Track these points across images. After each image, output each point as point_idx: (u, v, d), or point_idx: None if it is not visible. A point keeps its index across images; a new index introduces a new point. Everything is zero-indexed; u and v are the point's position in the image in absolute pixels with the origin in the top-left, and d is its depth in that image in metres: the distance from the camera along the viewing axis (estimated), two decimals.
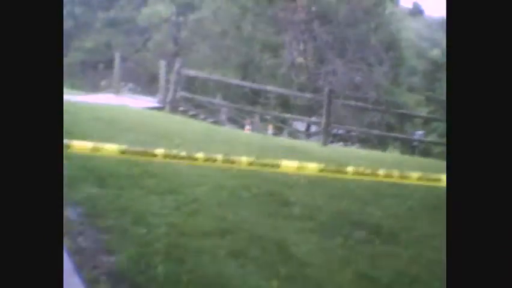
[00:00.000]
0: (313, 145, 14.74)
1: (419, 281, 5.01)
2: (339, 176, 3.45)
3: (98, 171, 6.67)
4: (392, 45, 38.71)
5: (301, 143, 15.23)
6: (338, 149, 15.39)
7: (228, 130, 16.20)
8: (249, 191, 6.91)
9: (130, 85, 22.51)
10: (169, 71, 17.67)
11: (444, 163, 2.53)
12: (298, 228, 5.94)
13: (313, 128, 33.25)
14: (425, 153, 31.36)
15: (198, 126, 13.21)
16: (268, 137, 17.88)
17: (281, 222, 6.03)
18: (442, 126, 37.49)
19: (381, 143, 35.36)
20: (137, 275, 4.26)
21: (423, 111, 39.46)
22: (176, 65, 16.96)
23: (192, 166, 7.66)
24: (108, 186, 6.26)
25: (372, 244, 5.68)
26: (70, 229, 4.98)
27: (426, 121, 35.40)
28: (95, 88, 25.24)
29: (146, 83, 26.17)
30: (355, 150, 16.65)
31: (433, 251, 5.54)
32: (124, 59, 20.24)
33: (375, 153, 15.22)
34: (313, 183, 7.90)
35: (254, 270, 4.65)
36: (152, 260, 4.50)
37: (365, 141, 33.79)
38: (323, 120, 15.25)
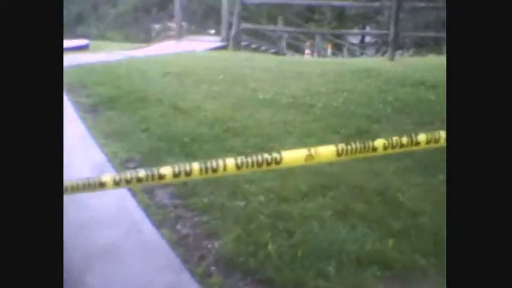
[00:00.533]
0: (382, 62, 14.10)
1: None
2: None
3: (180, 137, 6.52)
4: None
5: (370, 62, 14.60)
6: (406, 61, 14.72)
7: (296, 60, 15.76)
8: (338, 132, 6.68)
9: (183, 24, 21.57)
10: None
11: None
12: (397, 168, 5.71)
13: (367, 38, 32.63)
14: None
15: (265, 62, 12.87)
16: (336, 60, 17.38)
17: (377, 165, 5.80)
18: None
19: (437, 45, 34.33)
20: (249, 259, 4.07)
21: None
22: None
23: (273, 115, 7.49)
24: (194, 154, 6.08)
25: None
26: (166, 216, 4.85)
27: None
28: (149, 35, 24.72)
29: (200, 19, 25.35)
30: (426, 60, 15.86)
31: None
32: None
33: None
34: (400, 111, 7.66)
35: (366, 231, 4.46)
36: (260, 238, 4.33)
37: (420, 45, 32.88)
38: (391, 30, 14.44)
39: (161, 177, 2.59)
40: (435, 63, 12.91)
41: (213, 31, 21.34)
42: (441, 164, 5.50)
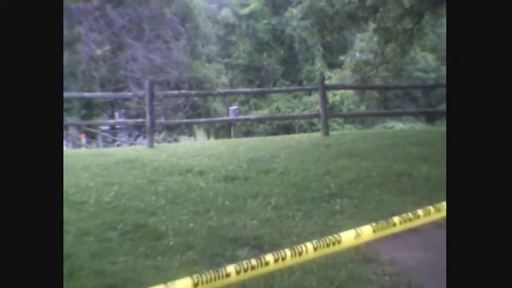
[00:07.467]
0: (143, 150, 13.67)
1: None
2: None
3: None
4: (187, 16, 38.42)
5: (131, 151, 13.82)
6: (165, 148, 14.61)
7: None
8: (116, 228, 6.63)
9: None
10: None
11: None
12: (181, 263, 5.78)
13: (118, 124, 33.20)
14: (246, 132, 31.54)
15: None
16: (95, 151, 16.87)
17: (160, 260, 5.82)
18: (242, 97, 37.87)
19: (188, 127, 35.22)
20: None
21: (224, 80, 39.93)
22: None
23: None
24: None
25: None
26: None
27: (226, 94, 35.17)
28: None
29: None
30: (183, 145, 15.85)
31: None
32: None
33: (218, 143, 15.07)
34: (173, 202, 7.77)
35: None
36: None
37: (171, 128, 33.57)
38: (148, 119, 14.18)
39: None
40: (195, 148, 13.27)
41: None
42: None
